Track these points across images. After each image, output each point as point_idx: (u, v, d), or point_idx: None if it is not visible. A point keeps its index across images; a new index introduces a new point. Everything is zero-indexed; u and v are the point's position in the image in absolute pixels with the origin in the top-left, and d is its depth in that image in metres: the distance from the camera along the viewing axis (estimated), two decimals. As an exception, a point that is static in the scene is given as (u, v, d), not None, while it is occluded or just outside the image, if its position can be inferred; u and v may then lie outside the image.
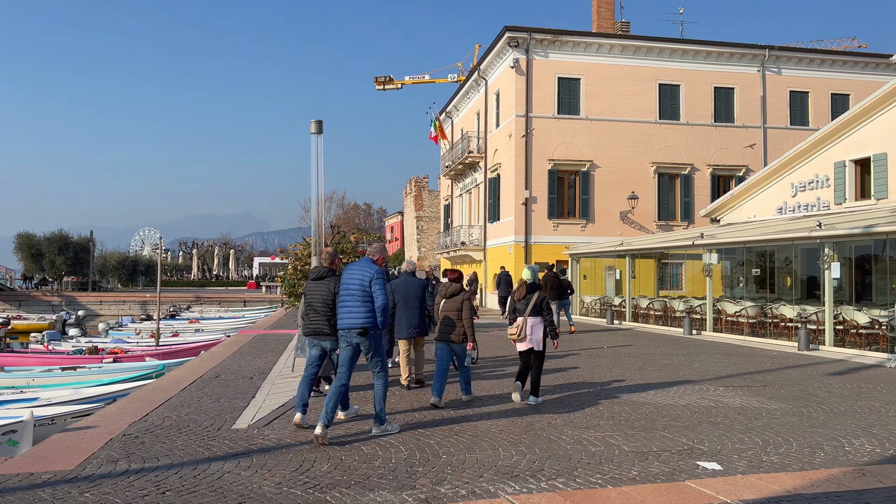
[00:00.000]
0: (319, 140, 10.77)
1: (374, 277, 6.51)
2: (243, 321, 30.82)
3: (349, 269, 6.74)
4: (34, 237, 52.53)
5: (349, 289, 6.57)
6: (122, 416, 7.31)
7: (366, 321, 6.47)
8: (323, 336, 6.99)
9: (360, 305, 6.50)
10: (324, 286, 7.07)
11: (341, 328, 6.60)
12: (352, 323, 6.50)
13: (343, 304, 6.59)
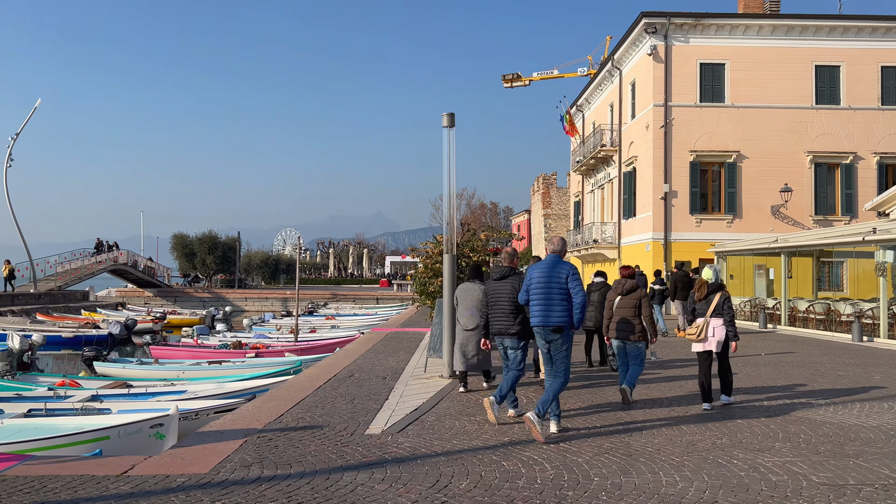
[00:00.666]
0: (451, 134, 10.37)
1: (570, 274, 6.46)
2: (376, 318, 31.38)
3: (539, 267, 6.66)
4: (187, 237, 56.65)
5: (544, 286, 6.49)
6: (258, 415, 7.22)
7: (561, 318, 6.42)
8: (507, 335, 7.08)
9: (556, 303, 6.44)
10: (507, 285, 7.15)
11: (537, 325, 6.55)
12: (547, 321, 6.46)
13: (537, 303, 6.53)
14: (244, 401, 11.01)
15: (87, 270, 43.93)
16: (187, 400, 11.61)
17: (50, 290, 38.73)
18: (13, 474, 4.87)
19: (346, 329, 26.62)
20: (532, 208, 65.72)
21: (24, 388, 13.26)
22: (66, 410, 11.02)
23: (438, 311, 10.90)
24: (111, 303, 41.00)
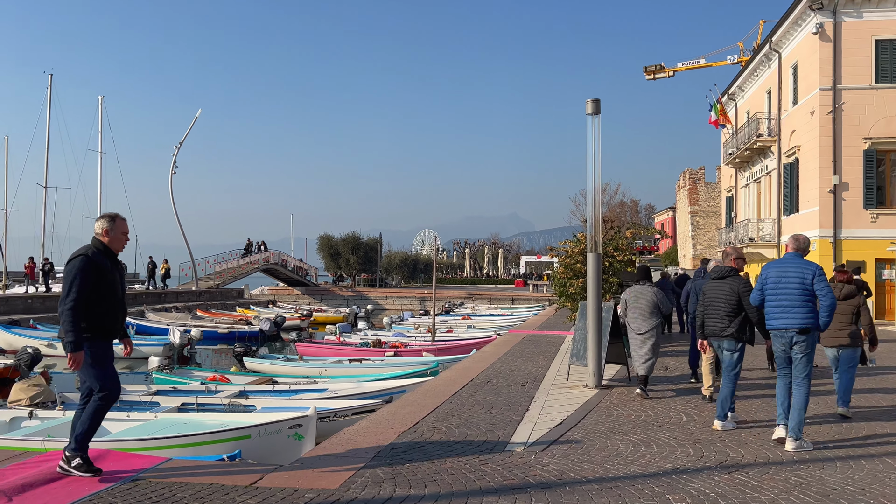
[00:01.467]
0: (596, 122, 9.56)
1: (816, 275, 6.16)
2: (512, 319, 30.79)
3: (778, 265, 6.39)
4: (333, 238, 59.00)
5: (786, 286, 6.21)
6: (392, 422, 6.85)
7: (806, 320, 6.12)
8: (722, 337, 6.94)
9: (799, 304, 6.15)
10: (726, 286, 7.04)
11: (776, 328, 6.27)
12: (790, 322, 6.16)
13: (777, 303, 6.26)
14: (381, 402, 10.82)
15: (241, 270, 46.84)
16: (327, 399, 11.62)
17: (209, 288, 41.62)
18: (148, 477, 4.75)
19: (483, 329, 26.24)
20: (677, 205, 62.32)
21: (180, 381, 13.93)
22: (214, 406, 11.34)
23: (582, 314, 10.12)
24: (263, 300, 43.43)
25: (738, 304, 6.91)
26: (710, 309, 7.09)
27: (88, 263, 4.75)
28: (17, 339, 21.22)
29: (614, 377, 10.12)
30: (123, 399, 11.57)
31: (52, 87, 39.70)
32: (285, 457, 8.90)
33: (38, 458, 5.09)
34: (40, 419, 10.13)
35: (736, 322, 6.88)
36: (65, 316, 4.65)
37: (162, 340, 21.91)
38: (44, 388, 11.13)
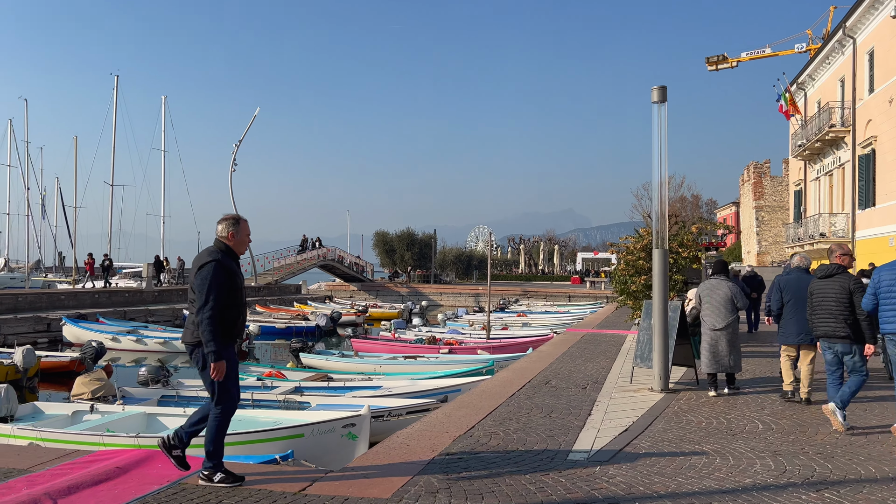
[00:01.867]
0: (663, 110, 9.04)
1: None
2: (569, 317, 30.17)
3: (891, 269, 6.29)
4: (388, 235, 59.32)
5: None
6: (447, 425, 6.56)
7: None
8: (836, 339, 6.79)
9: None
10: (835, 284, 6.86)
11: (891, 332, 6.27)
12: None
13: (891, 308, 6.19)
14: (436, 401, 10.57)
15: (299, 266, 47.48)
16: (381, 397, 11.44)
17: (268, 283, 42.30)
18: (193, 482, 4.59)
19: (538, 327, 25.76)
20: (741, 200, 60.17)
21: (237, 376, 14.00)
22: (269, 402, 11.30)
23: (646, 313, 9.62)
24: (320, 296, 43.88)
25: (851, 303, 6.69)
26: (820, 309, 6.89)
27: (221, 268, 4.62)
28: (83, 332, 21.87)
29: (680, 380, 9.59)
30: (181, 394, 11.67)
31: (117, 88, 40.99)
32: (338, 456, 8.75)
33: (89, 458, 5.00)
34: (101, 413, 10.25)
35: (850, 322, 6.69)
36: (205, 325, 4.49)
37: (221, 335, 22.29)
38: (105, 383, 11.30)
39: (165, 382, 12.81)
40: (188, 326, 4.67)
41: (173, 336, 22.18)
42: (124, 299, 29.68)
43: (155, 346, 21.72)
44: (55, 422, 9.82)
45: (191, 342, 4.65)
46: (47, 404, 10.60)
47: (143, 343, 21.73)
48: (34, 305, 25.09)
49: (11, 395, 9.94)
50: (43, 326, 23.05)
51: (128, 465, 4.70)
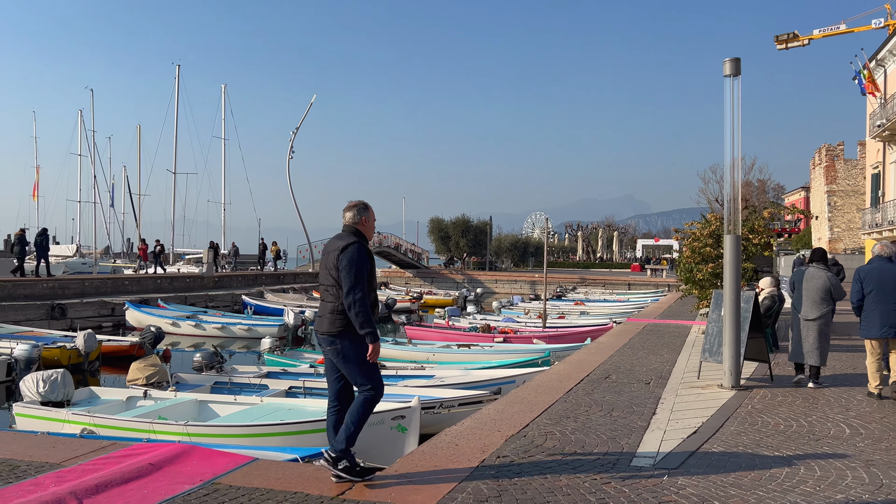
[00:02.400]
0: (736, 84, 8.32)
1: None
2: (629, 305, 29.29)
3: None
4: (443, 221, 59.07)
5: None
6: (499, 423, 6.14)
7: None
8: None
9: None
10: None
11: None
12: None
13: None
14: (489, 393, 10.18)
15: (355, 252, 47.69)
16: (434, 387, 11.11)
17: (324, 269, 42.65)
18: (227, 482, 4.31)
19: (597, 316, 25.03)
20: (811, 184, 57.44)
21: (290, 363, 13.91)
22: (321, 390, 11.12)
23: (716, 304, 8.96)
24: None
25: None
26: None
27: (365, 251, 4.55)
28: (145, 317, 22.34)
29: (752, 376, 8.92)
30: (234, 381, 11.60)
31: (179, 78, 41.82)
32: (388, 449, 8.45)
33: (124, 452, 4.80)
34: (154, 399, 10.25)
35: None
36: (358, 307, 4.36)
37: (277, 321, 22.38)
38: (159, 369, 11.31)
39: (219, 369, 12.82)
40: (325, 316, 4.49)
41: (231, 322, 22.47)
42: (185, 285, 30.30)
43: (213, 332, 22.02)
44: (109, 408, 9.85)
45: (330, 332, 4.47)
46: (103, 389, 10.68)
47: (202, 328, 22.06)
48: (100, 290, 25.80)
49: (68, 380, 10.02)
50: (107, 311, 23.67)
51: (161, 462, 4.47)
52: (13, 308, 20.69)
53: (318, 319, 4.62)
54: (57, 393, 9.90)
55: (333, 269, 4.49)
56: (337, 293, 4.45)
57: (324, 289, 4.57)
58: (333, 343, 4.47)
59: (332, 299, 4.47)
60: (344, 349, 4.44)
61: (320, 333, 4.57)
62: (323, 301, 4.56)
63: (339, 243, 4.55)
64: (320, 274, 4.65)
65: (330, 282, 4.50)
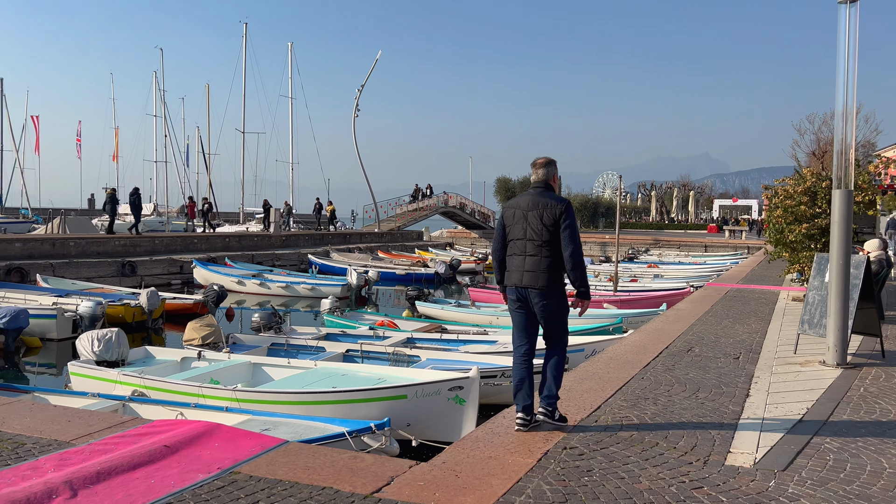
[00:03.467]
0: (853, 12, 7.07)
1: None
2: (706, 268, 27.73)
3: None
4: (510, 181, 57.88)
5: None
6: (567, 403, 5.36)
7: None
8: None
9: None
10: None
11: None
12: None
13: None
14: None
15: (421, 213, 47.28)
16: (496, 354, 10.42)
17: (391, 229, 42.40)
18: (248, 472, 3.73)
19: (672, 280, 23.71)
20: (911, 140, 52.99)
21: (349, 325, 13.49)
22: (378, 354, 10.63)
23: (818, 269, 7.85)
24: (441, 243, 43.51)
25: None
26: None
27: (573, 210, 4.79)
28: (212, 275, 22.47)
29: (858, 351, 7.82)
30: (291, 343, 11.23)
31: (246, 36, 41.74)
32: (444, 421, 7.83)
33: (142, 430, 4.31)
34: (208, 361, 9.96)
35: None
36: (580, 266, 4.62)
37: (341, 281, 22.12)
38: (214, 329, 11.02)
39: (277, 329, 12.50)
40: (537, 272, 4.59)
41: (295, 281, 22.33)
42: (253, 243, 30.51)
43: (277, 291, 21.96)
44: (161, 369, 9.61)
45: (542, 287, 4.58)
46: (158, 349, 10.46)
47: (267, 287, 22.02)
48: (170, 248, 26.19)
49: (122, 340, 9.82)
50: (176, 269, 23.97)
51: (179, 444, 3.94)
52: (86, 265, 21.13)
53: (526, 274, 4.63)
54: (111, 352, 9.72)
55: (552, 225, 4.60)
56: (550, 251, 4.58)
57: (532, 244, 4.63)
58: (543, 297, 4.57)
59: (546, 254, 4.59)
60: (551, 304, 4.59)
61: (531, 288, 4.60)
62: (529, 256, 4.63)
63: (548, 201, 4.69)
64: (517, 230, 4.70)
65: (545, 238, 4.60)
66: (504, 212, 4.95)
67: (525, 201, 4.78)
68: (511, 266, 4.73)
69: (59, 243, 22.55)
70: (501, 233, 4.85)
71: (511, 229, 4.76)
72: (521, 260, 4.66)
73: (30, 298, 15.19)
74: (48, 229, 30.00)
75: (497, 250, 4.90)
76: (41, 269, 19.61)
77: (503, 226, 4.86)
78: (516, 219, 4.75)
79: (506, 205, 4.97)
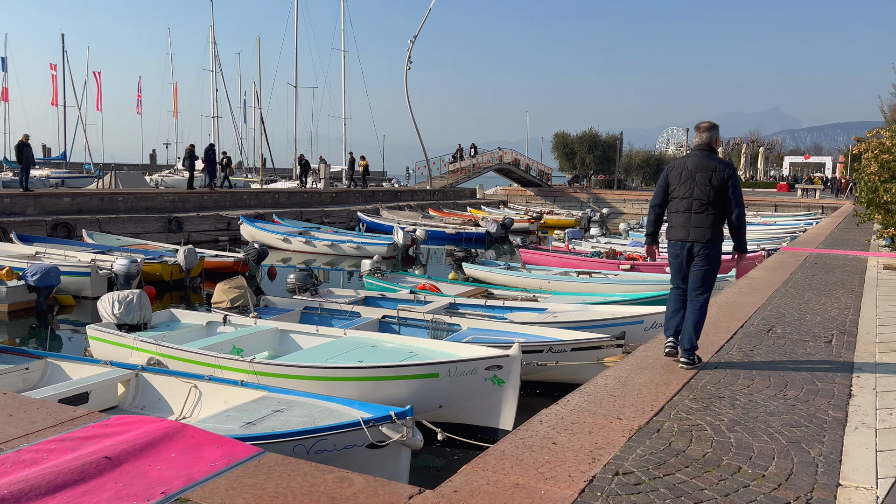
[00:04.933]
0: None
1: None
2: (777, 230, 25.84)
3: None
4: (568, 136, 55.76)
5: None
6: (620, 402, 4.36)
7: None
8: None
9: None
10: None
11: None
12: None
13: None
14: (610, 337, 8.36)
15: (474, 170, 46.01)
16: (544, 325, 9.41)
17: (443, 187, 41.38)
18: (197, 499, 2.89)
19: (741, 242, 22.03)
20: None
21: (389, 288, 12.69)
22: (416, 321, 9.79)
23: (934, 237, 6.52)
24: (494, 201, 42.30)
25: None
26: None
27: None
28: (258, 232, 22.04)
29: (977, 335, 6.50)
30: (325, 307, 10.47)
31: (297, -13, 40.72)
32: (481, 405, 6.93)
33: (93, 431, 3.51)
34: (234, 326, 9.31)
35: None
36: (744, 226, 5.32)
37: (387, 240, 21.35)
38: (243, 291, 10.35)
39: (314, 292, 11.78)
40: (705, 228, 5.13)
41: (341, 239, 21.69)
42: (303, 200, 30.01)
43: (323, 249, 21.39)
44: (183, 334, 9.00)
45: (709, 241, 5.18)
46: (185, 312, 9.85)
47: (312, 245, 21.46)
48: (219, 204, 25.90)
49: (145, 302, 9.21)
50: (223, 225, 23.65)
51: (124, 454, 3.13)
52: (132, 220, 20.93)
53: (693, 230, 5.18)
54: (132, 315, 9.13)
55: (719, 187, 5.09)
56: (715, 209, 5.12)
57: (698, 203, 5.12)
58: (709, 249, 5.17)
59: (712, 212, 5.12)
60: (713, 256, 5.22)
61: (697, 242, 5.17)
62: (696, 213, 5.13)
63: (716, 164, 5.16)
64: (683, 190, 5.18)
65: (711, 198, 5.10)
66: (669, 171, 5.34)
67: (692, 163, 5.18)
68: (674, 222, 5.27)
69: (108, 198, 22.45)
70: (665, 190, 5.33)
71: (677, 189, 5.22)
72: (686, 217, 5.18)
73: (69, 254, 14.91)
74: (99, 184, 30.16)
75: (656, 205, 5.43)
76: (87, 224, 19.47)
77: (667, 184, 5.32)
78: (683, 179, 5.20)
79: (670, 165, 5.41)
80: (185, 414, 6.96)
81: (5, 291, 11.77)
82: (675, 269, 5.41)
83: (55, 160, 52.53)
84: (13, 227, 17.84)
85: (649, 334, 9.58)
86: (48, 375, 7.79)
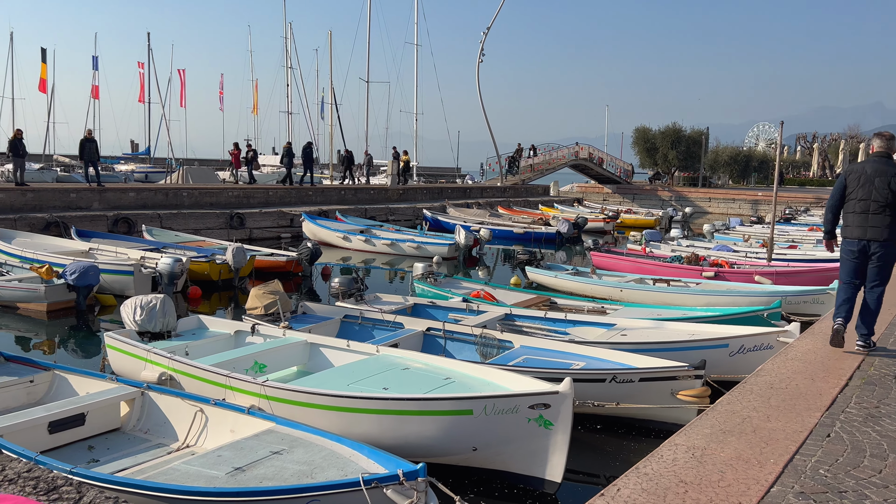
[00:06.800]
0: None
1: None
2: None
3: None
4: (650, 131, 53.14)
5: None
6: (695, 489, 3.11)
7: None
8: None
9: None
10: None
11: None
12: None
13: None
14: (687, 366, 6.94)
15: (549, 165, 44.41)
16: (609, 346, 8.09)
17: (514, 184, 40.03)
18: None
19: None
20: None
21: (441, 294, 11.63)
22: (464, 336, 8.67)
23: None
24: (569, 199, 40.61)
25: None
26: None
27: None
28: (319, 229, 21.45)
29: None
30: (367, 315, 9.49)
31: (370, -19, 40.22)
32: (523, 449, 5.71)
33: None
34: (263, 337, 8.46)
35: None
36: None
37: (449, 239, 20.27)
38: (279, 297, 9.43)
39: (359, 297, 10.81)
40: (883, 227, 5.69)
41: (402, 238, 20.79)
42: (369, 197, 29.39)
43: (383, 248, 20.55)
44: (206, 345, 8.20)
45: (886, 239, 5.72)
46: (213, 320, 9.06)
47: (372, 244, 20.67)
48: (283, 200, 25.54)
49: (169, 309, 8.46)
50: (286, 221, 23.22)
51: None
52: (193, 216, 20.71)
53: (870, 229, 5.76)
54: (154, 322, 8.40)
55: None
56: (891, 211, 5.66)
57: (876, 204, 5.69)
58: (884, 247, 5.72)
59: (889, 213, 5.67)
60: (890, 253, 5.75)
61: (874, 241, 5.75)
62: (874, 214, 5.71)
63: (893, 170, 5.69)
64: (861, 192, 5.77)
65: (889, 200, 5.66)
66: (848, 175, 5.96)
67: (871, 168, 5.72)
68: (851, 221, 5.78)
69: (173, 193, 22.37)
70: (842, 192, 5.92)
71: (854, 191, 5.77)
72: (863, 217, 5.72)
73: (121, 251, 14.58)
74: (167, 180, 30.46)
75: (834, 206, 6.03)
76: (148, 219, 19.33)
77: (844, 186, 5.92)
78: (861, 182, 5.74)
79: (848, 168, 5.96)
80: (189, 442, 6.13)
81: (44, 290, 11.39)
82: (850, 265, 5.87)
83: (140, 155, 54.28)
84: (77, 221, 17.83)
85: (735, 361, 8.14)
86: (54, 390, 7.13)
